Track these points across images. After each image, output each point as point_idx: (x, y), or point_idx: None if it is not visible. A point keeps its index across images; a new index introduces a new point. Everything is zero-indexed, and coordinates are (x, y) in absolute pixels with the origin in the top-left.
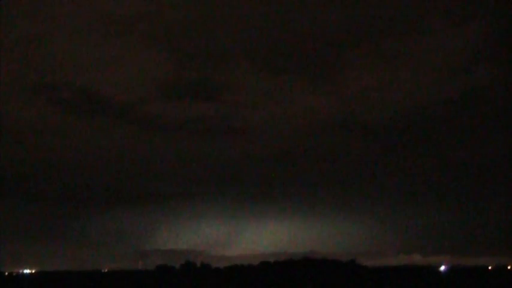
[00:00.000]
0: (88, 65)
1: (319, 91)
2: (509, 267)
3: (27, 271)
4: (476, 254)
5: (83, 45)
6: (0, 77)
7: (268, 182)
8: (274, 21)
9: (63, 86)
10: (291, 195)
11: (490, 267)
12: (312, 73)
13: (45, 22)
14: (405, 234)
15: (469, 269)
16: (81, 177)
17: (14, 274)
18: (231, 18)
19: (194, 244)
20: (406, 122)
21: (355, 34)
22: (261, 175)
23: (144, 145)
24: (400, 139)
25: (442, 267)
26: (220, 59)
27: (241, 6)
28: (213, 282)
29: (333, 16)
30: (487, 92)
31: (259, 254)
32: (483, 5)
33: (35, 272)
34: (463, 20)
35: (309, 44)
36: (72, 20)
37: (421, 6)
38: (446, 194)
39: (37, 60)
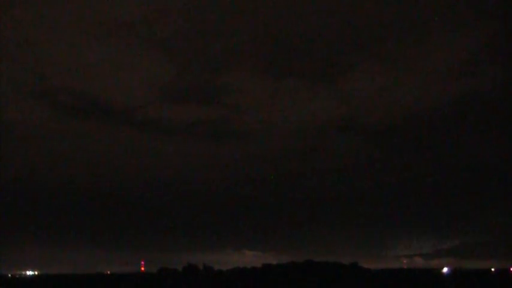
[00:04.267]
0: (89, 70)
1: (321, 94)
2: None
3: (30, 273)
4: (478, 257)
5: (84, 50)
6: (1, 82)
7: (269, 185)
8: (277, 25)
9: (64, 90)
10: (292, 198)
11: (492, 269)
12: (314, 76)
13: (47, 27)
14: (407, 237)
15: (472, 272)
16: (83, 181)
17: (17, 276)
18: (233, 23)
19: (196, 246)
20: (408, 125)
21: (357, 38)
22: (262, 177)
23: (145, 149)
24: (403, 141)
25: (445, 270)
26: (221, 63)
27: (243, 10)
28: (216, 284)
29: (335, 20)
30: (489, 94)
31: (262, 256)
32: (484, 8)
33: (37, 274)
34: (465, 23)
35: (311, 47)
36: (73, 25)
37: (422, 10)
38: (448, 197)
39: (38, 66)
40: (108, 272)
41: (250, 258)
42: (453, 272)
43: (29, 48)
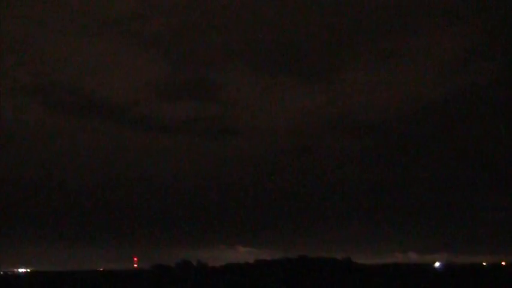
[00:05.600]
0: (82, 67)
1: (315, 91)
2: (503, 264)
3: (22, 270)
4: (471, 251)
5: (76, 46)
6: None
7: (263, 182)
8: (270, 22)
9: (58, 87)
10: (286, 194)
11: (484, 264)
12: (307, 73)
13: (40, 23)
14: (401, 232)
15: (465, 266)
16: (76, 178)
17: (9, 273)
18: (226, 19)
19: (189, 243)
20: (402, 121)
21: (349, 34)
22: (255, 173)
23: (139, 146)
24: (396, 138)
25: (437, 264)
26: (215, 60)
27: (236, 7)
28: (210, 281)
29: (327, 16)
30: (485, 90)
31: (255, 252)
32: (478, 3)
33: (30, 272)
34: (459, 18)
35: (304, 44)
36: (65, 21)
37: (415, 6)
38: (441, 192)
39: (31, 62)
40: (101, 269)
41: (244, 254)
42: (445, 266)
43: (22, 44)
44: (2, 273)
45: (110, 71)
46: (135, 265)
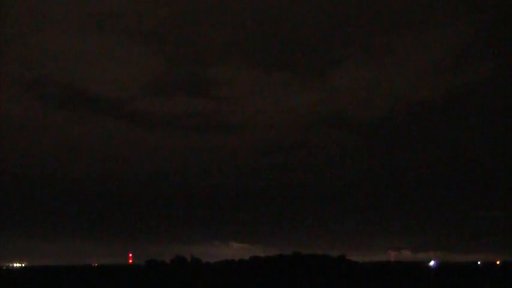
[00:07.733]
0: (77, 61)
1: (310, 88)
2: (498, 263)
3: (17, 265)
4: (465, 250)
5: (72, 41)
6: None
7: (258, 178)
8: (266, 19)
9: (52, 82)
10: (280, 190)
11: (479, 262)
12: (303, 70)
13: (34, 18)
14: (395, 230)
15: (459, 264)
16: (70, 173)
17: (4, 268)
18: (222, 15)
19: (184, 238)
20: (396, 119)
21: (345, 32)
22: (250, 170)
23: (133, 141)
24: (390, 135)
25: (432, 263)
26: (211, 55)
27: (231, 3)
28: (204, 276)
29: (324, 14)
30: (478, 88)
31: (248, 248)
32: (472, 3)
33: (25, 266)
34: (453, 18)
35: (301, 41)
36: (60, 16)
37: (410, 5)
38: (435, 191)
39: (26, 57)
40: (96, 264)
41: (238, 250)
42: (440, 265)
43: (17, 39)
44: None
45: (105, 66)
46: (130, 260)
